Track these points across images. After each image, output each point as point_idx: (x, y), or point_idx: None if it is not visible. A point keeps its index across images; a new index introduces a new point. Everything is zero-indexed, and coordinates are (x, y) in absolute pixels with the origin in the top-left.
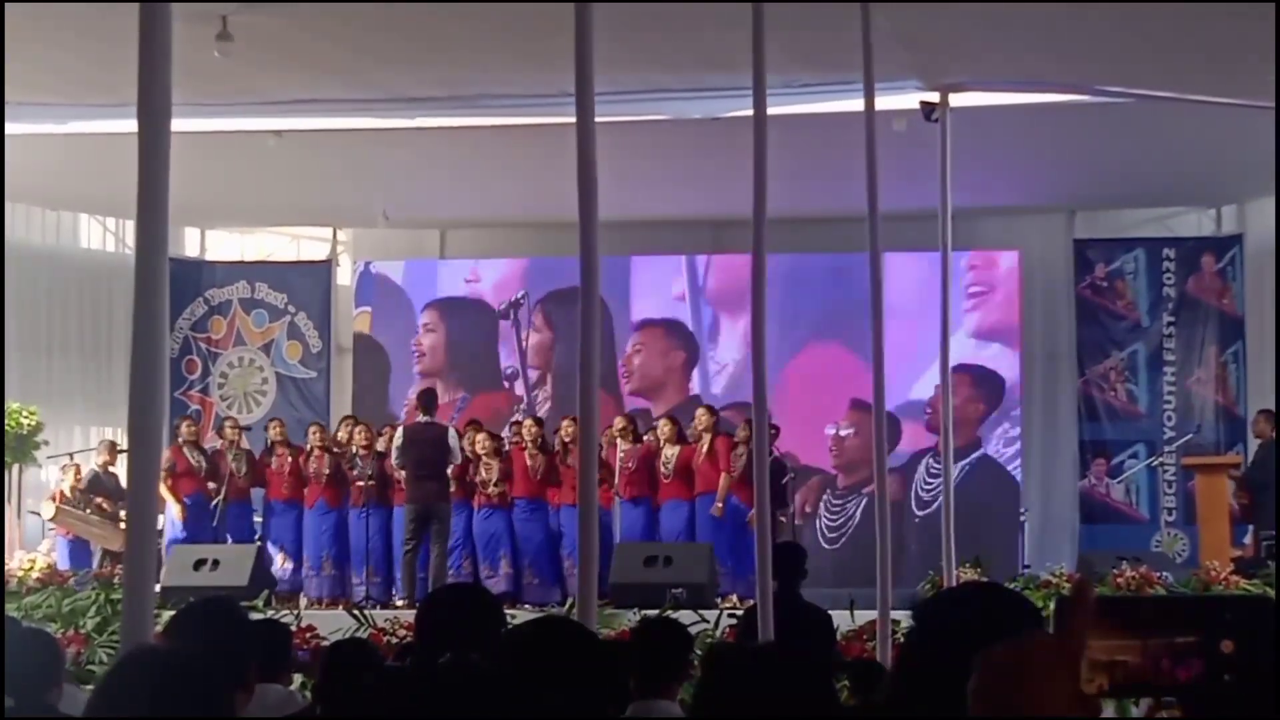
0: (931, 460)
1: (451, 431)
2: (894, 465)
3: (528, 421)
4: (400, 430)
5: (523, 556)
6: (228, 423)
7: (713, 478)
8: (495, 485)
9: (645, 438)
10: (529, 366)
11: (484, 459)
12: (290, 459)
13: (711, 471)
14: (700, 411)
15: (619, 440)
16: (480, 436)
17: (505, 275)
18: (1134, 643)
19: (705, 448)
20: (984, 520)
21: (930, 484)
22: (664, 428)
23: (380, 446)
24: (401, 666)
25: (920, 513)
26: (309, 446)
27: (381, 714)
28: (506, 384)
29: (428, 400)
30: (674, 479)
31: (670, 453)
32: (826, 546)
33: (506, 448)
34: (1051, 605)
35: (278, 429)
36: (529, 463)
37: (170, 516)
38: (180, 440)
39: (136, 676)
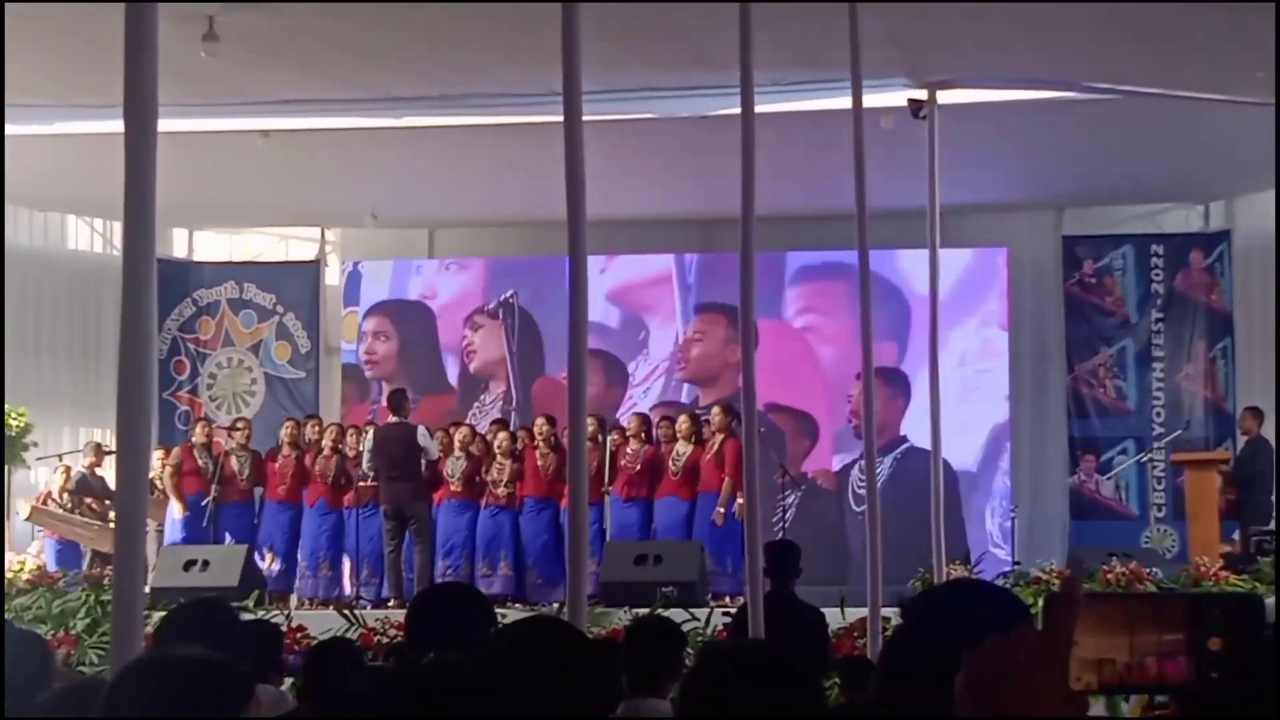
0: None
1: (421, 430)
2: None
3: (540, 419)
4: (370, 432)
5: (527, 556)
6: (239, 422)
7: (714, 480)
8: (505, 486)
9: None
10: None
11: (498, 458)
12: (295, 460)
13: (715, 473)
14: (716, 410)
15: (630, 440)
16: (502, 435)
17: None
18: (1122, 641)
19: (715, 448)
20: (919, 509)
21: (864, 481)
22: (682, 424)
23: (352, 447)
24: (388, 666)
25: (859, 508)
26: (320, 443)
27: (368, 714)
28: (456, 385)
29: (398, 401)
30: (680, 476)
31: (683, 450)
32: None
33: (520, 448)
34: (1041, 602)
35: (291, 429)
36: (540, 461)
37: (171, 515)
38: (192, 441)
39: (150, 682)
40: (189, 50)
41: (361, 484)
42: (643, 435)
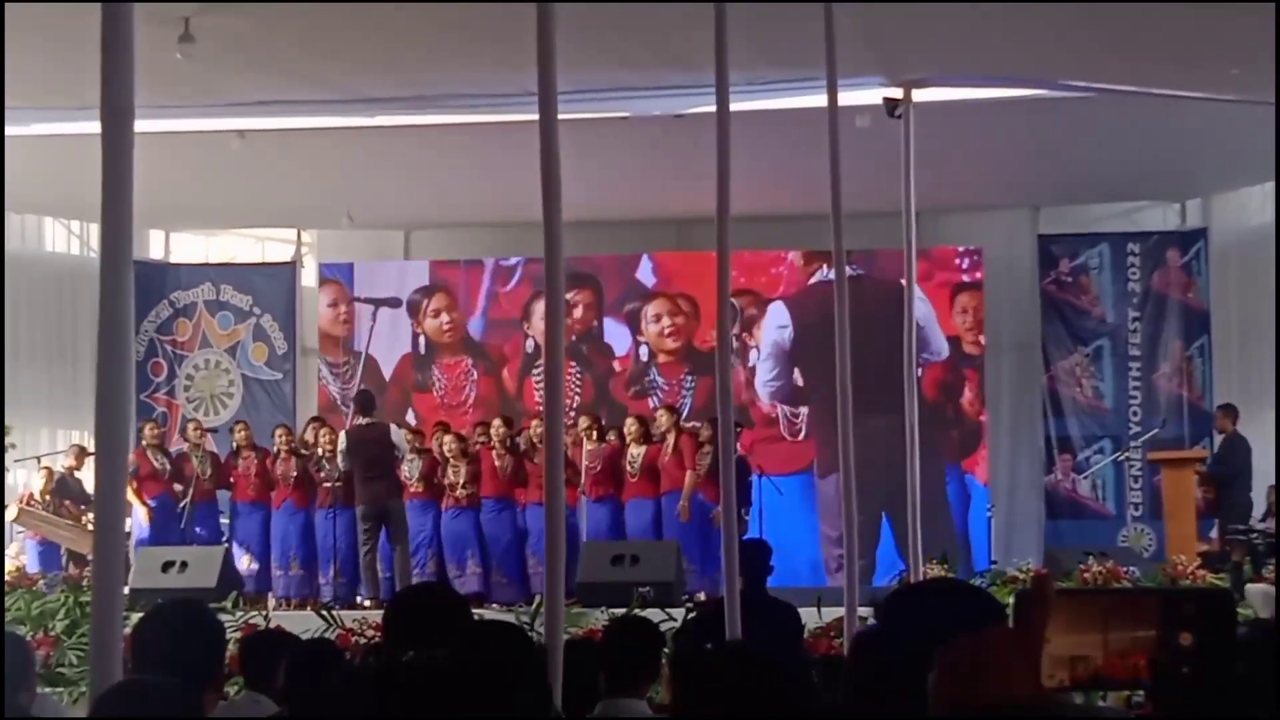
0: None
1: (395, 429)
2: None
3: (495, 421)
4: (342, 434)
5: (491, 556)
6: (190, 425)
7: (678, 476)
8: (464, 487)
9: (609, 437)
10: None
11: (452, 461)
12: (256, 461)
13: (677, 470)
14: (661, 412)
15: (584, 440)
16: (448, 438)
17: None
18: (1096, 637)
19: (671, 447)
20: None
21: None
22: (630, 427)
23: (321, 448)
24: (367, 665)
25: None
26: (275, 449)
27: (349, 714)
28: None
29: (365, 401)
30: (640, 478)
31: (636, 452)
32: None
33: (474, 448)
34: (1012, 600)
35: (243, 432)
36: (497, 463)
37: (136, 519)
38: (144, 443)
39: None
40: (165, 52)
41: (328, 485)
42: (594, 435)
